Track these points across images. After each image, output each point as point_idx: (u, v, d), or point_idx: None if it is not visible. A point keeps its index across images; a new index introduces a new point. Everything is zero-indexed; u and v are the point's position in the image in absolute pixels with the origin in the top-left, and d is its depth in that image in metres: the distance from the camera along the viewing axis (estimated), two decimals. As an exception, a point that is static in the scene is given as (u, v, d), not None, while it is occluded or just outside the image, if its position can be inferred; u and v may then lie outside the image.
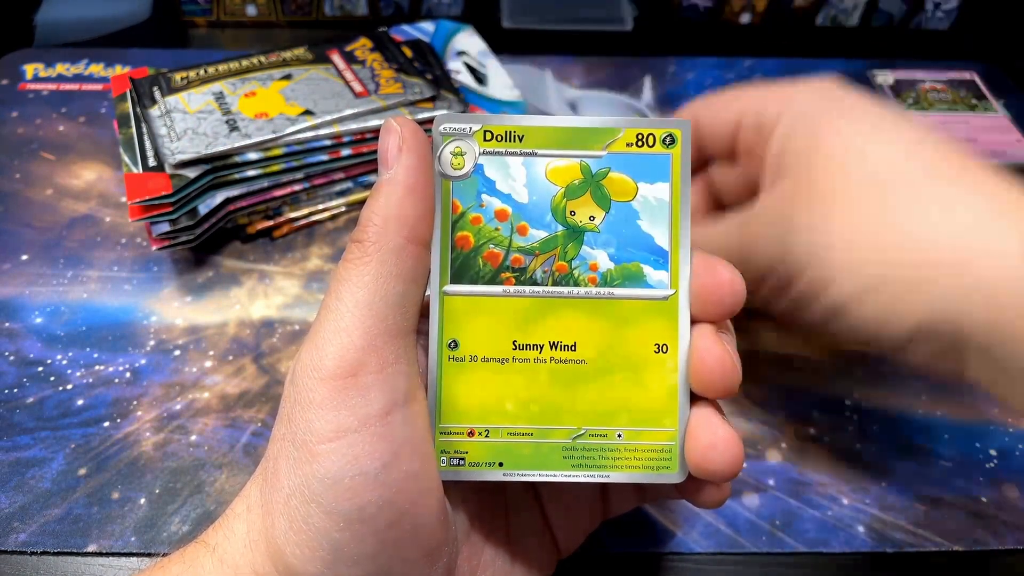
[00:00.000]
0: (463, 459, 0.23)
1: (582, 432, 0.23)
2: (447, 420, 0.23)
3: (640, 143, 0.23)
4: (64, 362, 0.37)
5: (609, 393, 0.23)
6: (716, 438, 0.22)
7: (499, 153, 0.23)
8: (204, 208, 0.40)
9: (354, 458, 0.20)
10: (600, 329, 0.23)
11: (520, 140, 0.23)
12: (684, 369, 0.23)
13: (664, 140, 0.23)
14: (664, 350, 0.23)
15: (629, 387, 0.23)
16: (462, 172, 0.23)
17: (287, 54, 0.47)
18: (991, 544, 0.32)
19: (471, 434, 0.23)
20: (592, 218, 0.23)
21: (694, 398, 0.23)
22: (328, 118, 0.43)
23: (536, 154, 0.23)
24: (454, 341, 0.23)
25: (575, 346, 0.23)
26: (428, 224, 0.22)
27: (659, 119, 0.23)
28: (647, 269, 0.23)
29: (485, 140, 0.23)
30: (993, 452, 0.35)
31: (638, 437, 0.23)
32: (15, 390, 0.36)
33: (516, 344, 0.23)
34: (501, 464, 0.23)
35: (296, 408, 0.20)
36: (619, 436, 0.23)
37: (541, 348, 0.23)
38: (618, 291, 0.23)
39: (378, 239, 0.21)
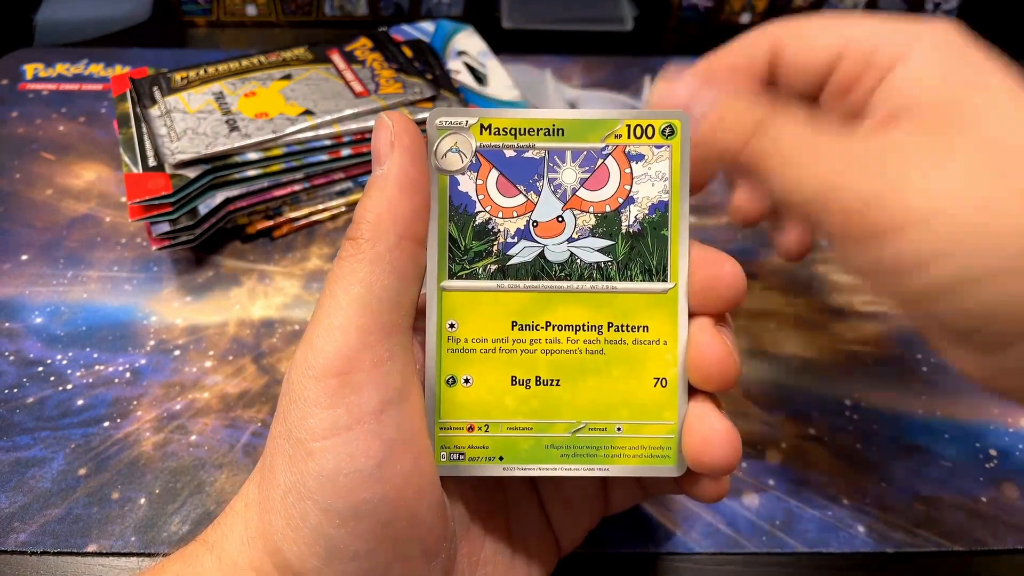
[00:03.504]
0: (463, 454, 0.23)
1: (581, 426, 0.23)
2: (447, 415, 0.23)
3: (639, 134, 0.23)
4: (64, 362, 0.37)
5: (608, 386, 0.23)
6: (713, 432, 0.22)
7: (496, 147, 0.23)
8: (204, 208, 0.40)
9: (349, 455, 0.20)
10: (600, 322, 0.23)
11: (517, 133, 0.23)
12: (683, 362, 0.23)
13: (663, 131, 0.23)
14: (663, 343, 0.23)
15: (628, 380, 0.23)
16: (459, 167, 0.23)
17: (287, 54, 0.47)
18: (991, 544, 0.32)
19: (471, 429, 0.23)
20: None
21: (692, 391, 0.23)
22: (328, 118, 0.43)
23: (534, 147, 0.23)
24: (452, 336, 0.23)
25: (574, 341, 0.23)
26: (423, 220, 0.22)
27: (658, 111, 0.23)
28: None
29: (481, 133, 0.23)
30: (993, 452, 0.35)
31: (637, 430, 0.23)
32: (15, 390, 0.36)
33: (515, 339, 0.23)
34: (501, 458, 0.23)
35: (291, 406, 0.20)
36: (618, 429, 0.23)
37: (540, 342, 0.23)
38: (619, 285, 0.23)
39: (372, 236, 0.21)
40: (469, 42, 0.52)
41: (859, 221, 0.21)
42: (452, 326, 0.23)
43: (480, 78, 0.50)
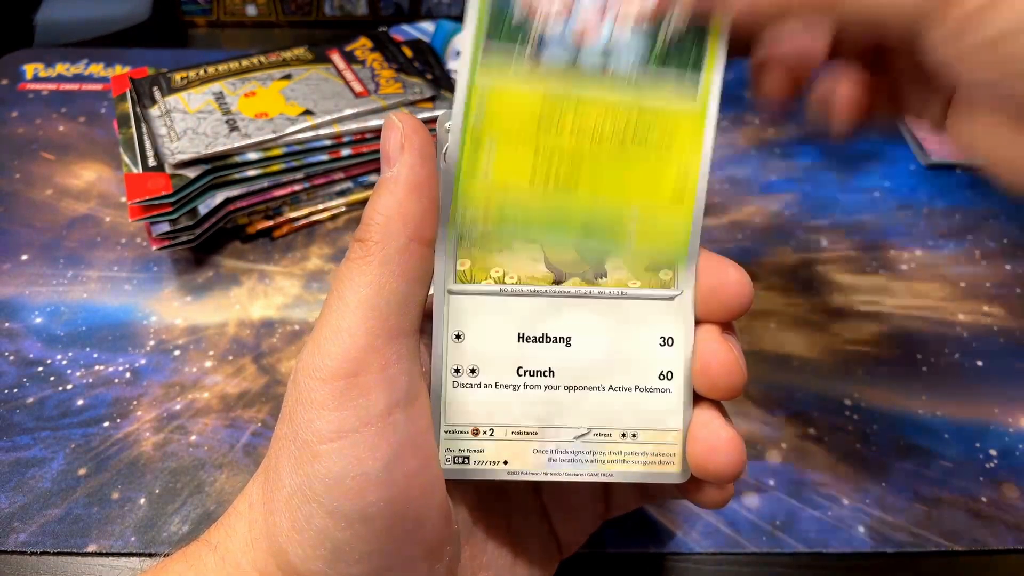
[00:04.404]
0: (468, 458, 0.23)
1: (586, 432, 0.23)
2: (452, 418, 0.23)
3: None
4: (64, 362, 0.37)
5: (614, 392, 0.23)
6: (718, 440, 0.22)
7: None
8: (204, 208, 0.40)
9: (356, 458, 0.19)
10: (606, 327, 0.23)
11: None
12: (688, 369, 0.23)
13: None
14: (669, 342, 0.23)
15: (634, 386, 0.23)
16: None
17: (287, 54, 0.47)
18: (991, 544, 0.32)
19: (476, 433, 0.23)
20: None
21: (697, 398, 0.23)
22: (328, 118, 0.43)
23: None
24: (459, 339, 0.23)
25: (581, 345, 0.23)
26: (432, 222, 0.22)
27: None
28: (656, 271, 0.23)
29: None
30: (993, 452, 0.35)
31: (642, 437, 0.23)
32: (15, 390, 0.36)
33: (521, 346, 0.23)
34: (506, 463, 0.23)
35: (298, 408, 0.20)
36: (623, 435, 0.23)
37: (547, 346, 0.23)
38: (629, 290, 0.23)
39: (381, 238, 0.21)
40: (469, 42, 0.52)
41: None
42: (459, 330, 0.23)
43: (480, 78, 0.50)
